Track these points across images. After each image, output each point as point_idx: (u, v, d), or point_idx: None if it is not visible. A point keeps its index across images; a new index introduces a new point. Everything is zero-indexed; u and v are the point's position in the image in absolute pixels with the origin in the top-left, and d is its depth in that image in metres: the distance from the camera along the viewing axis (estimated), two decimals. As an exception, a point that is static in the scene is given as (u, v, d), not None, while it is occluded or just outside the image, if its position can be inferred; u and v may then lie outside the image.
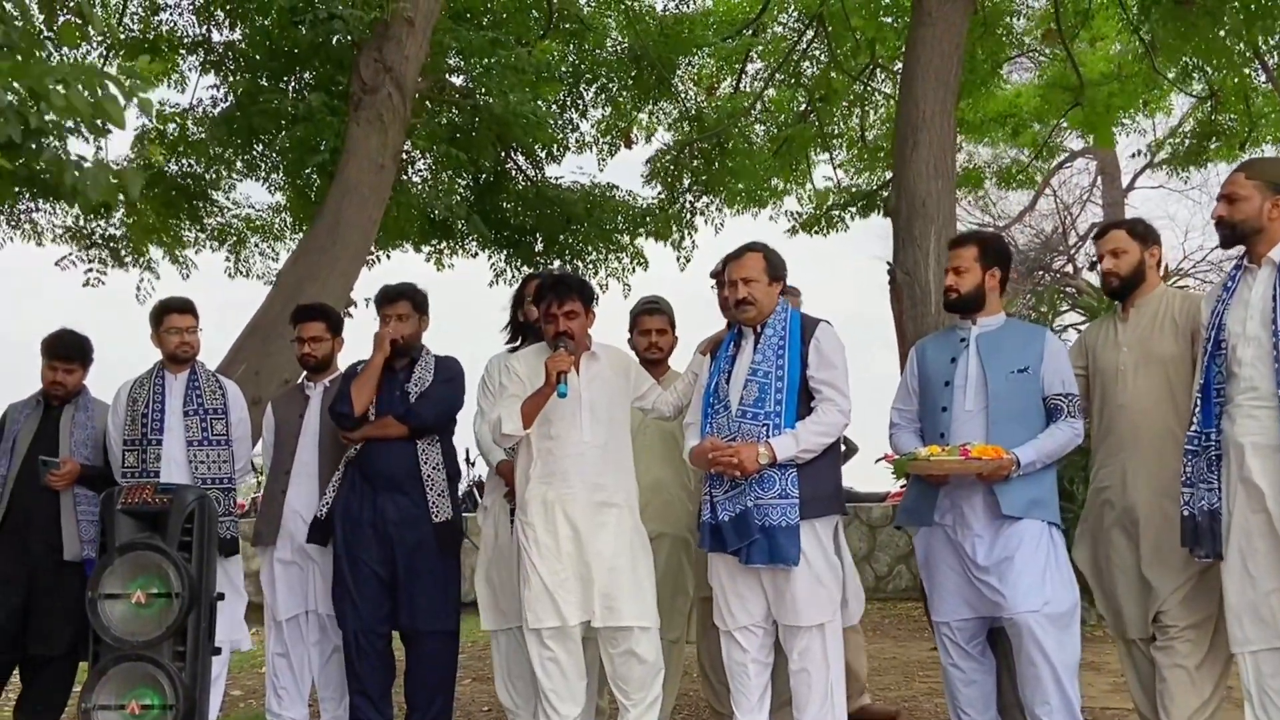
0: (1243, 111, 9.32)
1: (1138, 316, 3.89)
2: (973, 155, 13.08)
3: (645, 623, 3.91)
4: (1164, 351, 3.78)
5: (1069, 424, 3.68)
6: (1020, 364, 3.71)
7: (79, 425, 4.66)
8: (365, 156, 6.85)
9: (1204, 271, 19.75)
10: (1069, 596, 3.61)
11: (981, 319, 3.84)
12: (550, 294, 4.05)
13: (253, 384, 5.89)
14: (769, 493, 3.71)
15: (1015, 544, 3.58)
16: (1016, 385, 3.70)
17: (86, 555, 4.47)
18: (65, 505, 4.55)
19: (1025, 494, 3.60)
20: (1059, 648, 3.52)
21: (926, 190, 4.60)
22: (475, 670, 6.51)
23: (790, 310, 3.96)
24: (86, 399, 4.75)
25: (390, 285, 4.60)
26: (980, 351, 3.76)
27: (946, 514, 3.74)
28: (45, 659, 4.53)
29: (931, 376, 3.86)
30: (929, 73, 4.79)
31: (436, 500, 4.39)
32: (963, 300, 3.84)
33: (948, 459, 3.57)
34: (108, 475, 4.59)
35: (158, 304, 4.75)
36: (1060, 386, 3.71)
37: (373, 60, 6.94)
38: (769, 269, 3.94)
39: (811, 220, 11.16)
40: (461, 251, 10.39)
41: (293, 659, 4.64)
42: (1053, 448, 3.64)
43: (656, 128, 11.22)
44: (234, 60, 8.70)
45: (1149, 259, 3.91)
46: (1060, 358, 3.77)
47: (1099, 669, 5.94)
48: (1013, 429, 3.64)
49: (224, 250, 10.40)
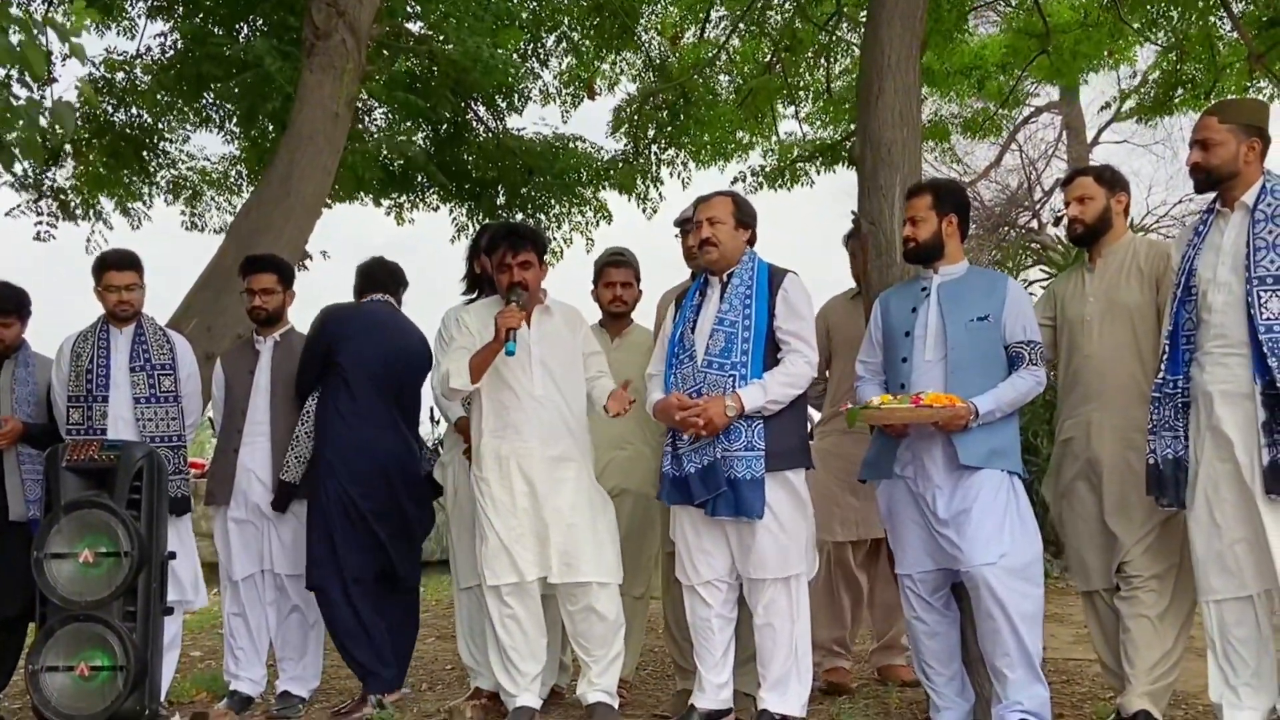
0: (1208, 60, 9.29)
1: (1104, 266, 3.85)
2: (939, 109, 12.99)
3: (604, 578, 3.86)
4: (1129, 301, 3.75)
5: (1030, 372, 3.61)
6: (980, 312, 3.65)
7: (20, 382, 4.52)
8: (319, 104, 6.67)
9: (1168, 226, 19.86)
10: (1029, 548, 3.56)
11: (943, 267, 3.77)
12: (504, 244, 3.97)
13: (205, 339, 5.75)
14: (735, 445, 3.66)
15: (973, 496, 3.53)
16: (976, 334, 3.64)
17: (32, 515, 4.35)
18: (9, 464, 4.42)
19: (985, 443, 3.55)
20: (1018, 599, 3.48)
21: (892, 138, 4.49)
22: (438, 629, 6.46)
23: (758, 260, 3.89)
24: (26, 354, 4.60)
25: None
26: (941, 301, 3.71)
27: (908, 466, 3.70)
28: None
29: (894, 327, 3.81)
30: (894, 18, 4.68)
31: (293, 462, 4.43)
32: (921, 249, 3.77)
33: (899, 407, 3.53)
34: (53, 432, 4.46)
35: (98, 257, 4.60)
36: (1022, 334, 3.65)
37: (325, 4, 6.73)
38: (737, 214, 3.89)
39: (775, 173, 11.06)
40: (422, 205, 10.23)
41: (250, 619, 4.57)
42: (1013, 396, 3.58)
43: (620, 78, 11.05)
44: (183, 5, 8.44)
45: (1115, 206, 3.87)
46: (1022, 305, 3.70)
47: (1062, 620, 5.97)
48: (972, 378, 3.58)
49: (179, 203, 10.17)
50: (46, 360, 4.61)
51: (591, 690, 3.89)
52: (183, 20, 8.42)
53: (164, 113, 9.04)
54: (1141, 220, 19.45)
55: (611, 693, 3.92)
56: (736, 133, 11.12)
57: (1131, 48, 10.58)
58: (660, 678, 4.99)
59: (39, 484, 4.35)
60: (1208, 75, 9.42)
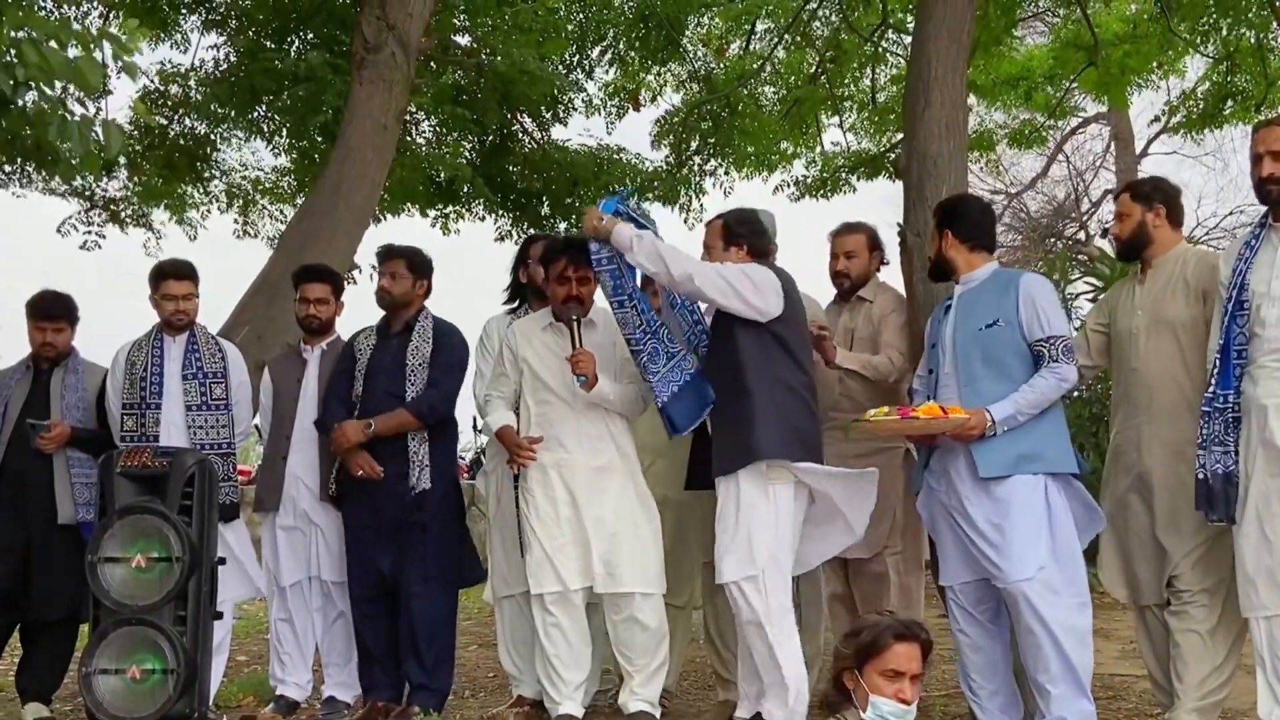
0: (1259, 72, 9.16)
1: (1153, 278, 3.81)
2: (984, 119, 12.91)
3: (648, 588, 3.87)
4: (1174, 315, 3.70)
5: (1052, 370, 3.53)
6: (989, 318, 3.63)
7: (69, 388, 4.58)
8: (368, 117, 6.76)
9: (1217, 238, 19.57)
10: (1071, 557, 3.51)
11: (965, 276, 3.80)
12: (565, 257, 3.99)
13: (256, 347, 5.85)
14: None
15: (1005, 508, 3.49)
16: (986, 340, 3.61)
17: (82, 518, 4.43)
18: (59, 468, 4.48)
19: (1009, 451, 3.49)
20: (1061, 612, 3.43)
21: (938, 150, 4.50)
22: (480, 636, 6.49)
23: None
24: (75, 361, 4.66)
25: (392, 245, 4.54)
26: (958, 311, 3.74)
27: (940, 478, 3.69)
28: (44, 623, 4.50)
29: (928, 340, 3.88)
30: (942, 30, 4.68)
31: (419, 474, 4.30)
32: (935, 270, 3.89)
33: (886, 419, 3.52)
34: (102, 437, 4.54)
35: (155, 267, 4.67)
36: (1041, 330, 3.57)
37: (375, 18, 6.83)
38: (725, 234, 3.93)
39: (818, 184, 11.05)
40: (468, 215, 10.32)
41: (296, 625, 4.62)
42: (1034, 398, 3.51)
43: (664, 89, 11.10)
44: (236, 19, 8.59)
45: (1151, 220, 3.81)
46: (1039, 299, 3.61)
47: (1108, 636, 5.90)
48: (989, 386, 3.55)
49: (232, 212, 10.35)
50: (95, 367, 4.69)
51: (633, 700, 3.89)
52: (236, 34, 8.57)
53: (216, 124, 9.19)
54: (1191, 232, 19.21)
55: (654, 703, 3.92)
56: (780, 143, 11.13)
57: (1181, 59, 10.46)
58: (702, 688, 4.99)
59: (88, 487, 4.43)
60: (1259, 87, 9.30)
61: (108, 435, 4.55)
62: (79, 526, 4.42)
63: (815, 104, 10.67)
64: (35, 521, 4.43)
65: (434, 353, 4.38)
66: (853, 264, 4.53)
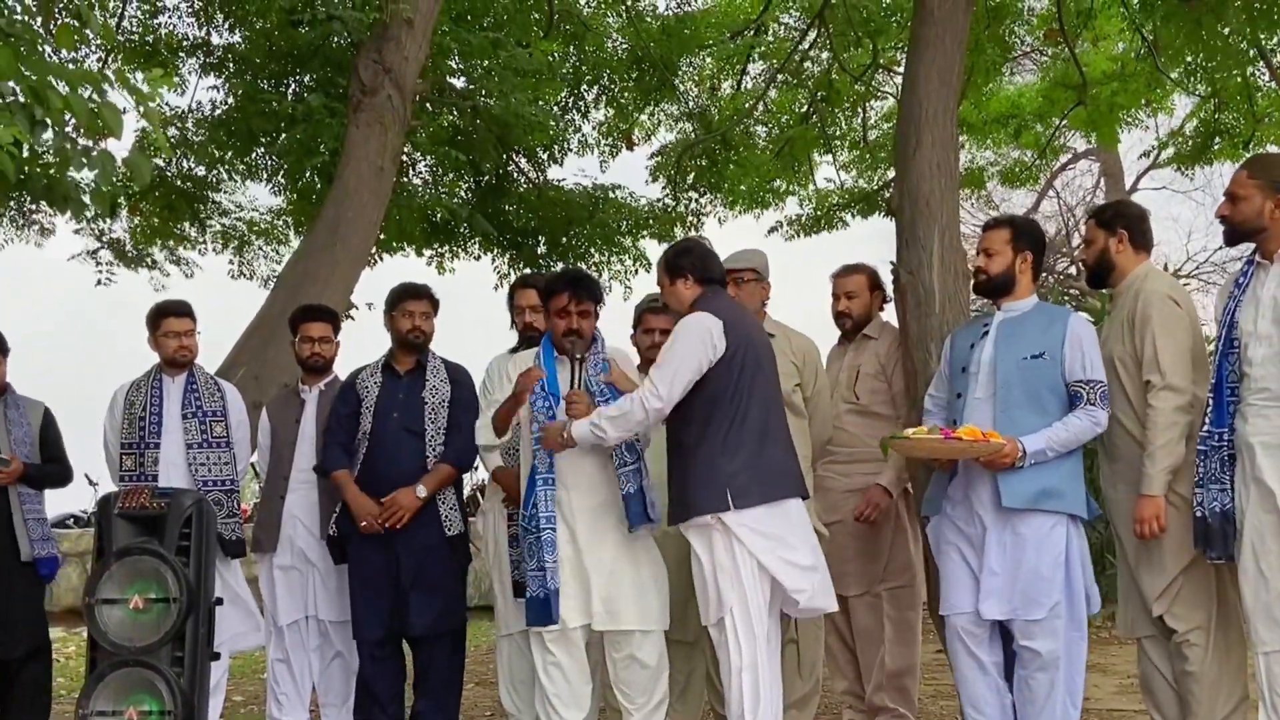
0: (1246, 111, 9.28)
1: (1114, 312, 3.82)
2: (975, 156, 13.03)
3: (647, 626, 3.86)
4: (1118, 352, 3.68)
5: (1088, 412, 3.54)
6: (1035, 349, 3.61)
7: (13, 423, 4.53)
8: (365, 159, 6.82)
9: (1208, 273, 19.69)
10: (1077, 598, 3.53)
11: (1007, 303, 3.76)
12: (567, 290, 3.99)
13: (252, 388, 5.85)
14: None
15: (1022, 544, 3.50)
16: (1030, 372, 3.60)
17: (37, 554, 4.43)
18: (13, 504, 4.45)
19: (1033, 484, 3.50)
20: (1056, 650, 3.47)
21: (930, 190, 4.55)
22: (478, 674, 6.47)
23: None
24: (14, 397, 4.60)
25: (415, 283, 4.58)
26: (998, 338, 3.69)
27: (958, 505, 3.68)
28: (4, 662, 4.44)
29: (955, 363, 3.82)
30: (931, 72, 4.75)
31: (449, 514, 4.37)
32: (993, 283, 3.77)
33: (926, 438, 3.52)
34: (49, 473, 4.58)
35: (154, 307, 4.70)
36: (1082, 373, 3.57)
37: (372, 62, 6.90)
38: (668, 270, 3.84)
39: (812, 221, 11.13)
40: (464, 254, 10.37)
41: (293, 665, 4.62)
42: (1066, 436, 3.51)
43: (658, 128, 11.20)
44: (233, 62, 8.67)
45: (1114, 245, 3.78)
46: (1085, 342, 3.61)
47: (1105, 670, 5.90)
48: (1024, 417, 3.55)
49: (227, 252, 10.40)
50: (32, 402, 4.65)
51: (633, 738, 3.88)
52: (233, 77, 8.65)
53: (214, 165, 9.26)
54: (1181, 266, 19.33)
55: (653, 740, 3.91)
56: (773, 181, 11.22)
57: (1169, 97, 10.59)
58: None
59: (40, 524, 4.48)
60: (1246, 125, 9.41)
61: (54, 470, 4.59)
62: (35, 563, 4.42)
63: (808, 142, 10.78)
64: None
65: (452, 395, 4.43)
66: (854, 304, 4.63)
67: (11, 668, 4.46)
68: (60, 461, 4.69)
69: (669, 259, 3.86)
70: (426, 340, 4.52)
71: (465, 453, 4.42)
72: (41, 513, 4.53)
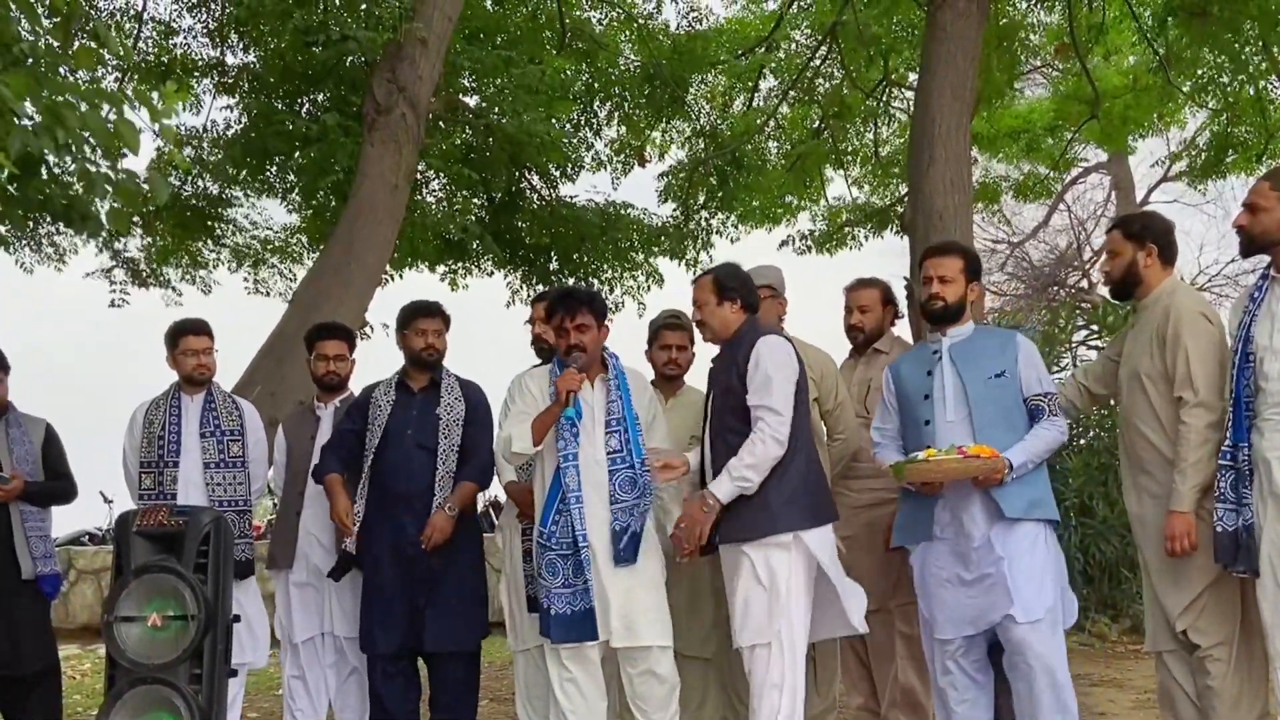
0: (1260, 123, 9.27)
1: (1138, 327, 3.80)
2: (988, 170, 13.04)
3: (664, 641, 3.87)
4: (1145, 368, 3.67)
5: (1052, 422, 3.67)
6: (997, 369, 3.70)
7: (16, 442, 4.56)
8: (379, 177, 6.87)
9: (1219, 286, 19.64)
10: (1060, 601, 3.61)
11: (952, 330, 3.83)
12: (560, 308, 4.02)
13: (268, 405, 5.89)
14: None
15: (1013, 550, 3.56)
16: (996, 390, 3.68)
17: (40, 572, 4.46)
18: (15, 523, 4.48)
19: (1024, 495, 3.58)
20: (1053, 654, 3.52)
21: (944, 205, 4.58)
22: (493, 691, 6.46)
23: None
24: (15, 415, 4.64)
25: (427, 301, 4.58)
26: (955, 361, 3.75)
27: (947, 527, 3.70)
28: (13, 680, 4.46)
29: (910, 393, 3.84)
30: (944, 88, 4.78)
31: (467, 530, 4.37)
32: (948, 310, 3.81)
33: (948, 459, 3.54)
34: (51, 490, 4.60)
35: (172, 326, 4.72)
36: (1039, 386, 3.71)
37: (386, 81, 6.96)
38: (717, 291, 3.89)
39: (825, 238, 11.14)
40: (477, 270, 10.42)
41: (309, 681, 4.62)
42: (1040, 448, 3.62)
43: (670, 145, 11.24)
44: (248, 82, 8.75)
45: (1143, 259, 3.74)
46: (1035, 357, 3.77)
47: (1121, 685, 5.87)
48: (997, 434, 3.61)
49: (243, 270, 10.46)
50: (34, 419, 4.69)
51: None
52: (248, 96, 8.72)
53: (229, 184, 9.33)
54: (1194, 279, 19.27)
55: (669, 754, 3.91)
56: (785, 197, 11.24)
57: (1181, 110, 10.59)
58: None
59: (43, 541, 4.50)
60: (1259, 138, 9.40)
61: (56, 487, 4.61)
62: (37, 580, 4.45)
63: (819, 159, 10.81)
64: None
65: (468, 413, 4.44)
66: (866, 318, 4.62)
67: (22, 687, 4.48)
68: (65, 477, 4.71)
69: (721, 280, 3.89)
70: (440, 357, 4.53)
71: (485, 471, 4.43)
72: (45, 530, 4.55)
